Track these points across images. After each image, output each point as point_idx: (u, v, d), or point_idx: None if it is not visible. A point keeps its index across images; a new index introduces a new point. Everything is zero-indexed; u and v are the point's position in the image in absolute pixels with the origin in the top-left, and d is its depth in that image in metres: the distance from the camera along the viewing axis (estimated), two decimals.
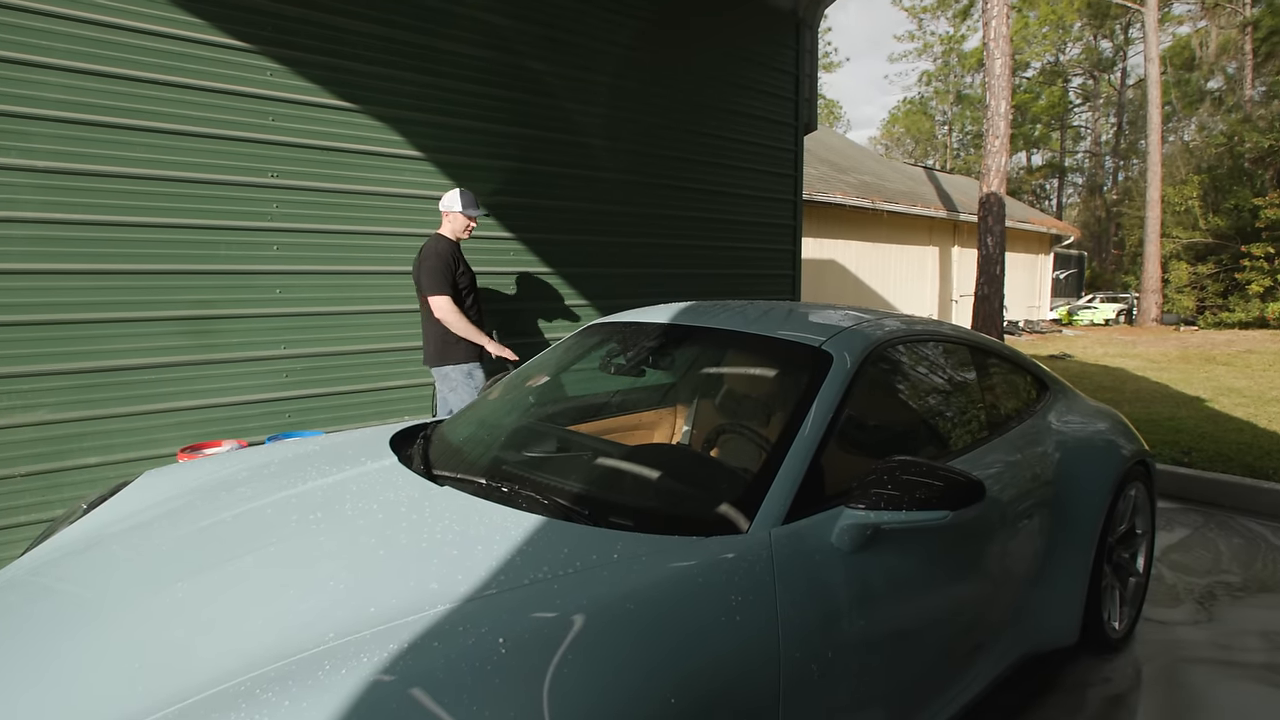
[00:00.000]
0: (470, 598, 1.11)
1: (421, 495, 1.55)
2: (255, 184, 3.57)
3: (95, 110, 3.11)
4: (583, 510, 1.43)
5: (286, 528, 1.44)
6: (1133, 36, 33.88)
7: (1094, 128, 39.50)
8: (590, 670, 1.00)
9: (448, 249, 3.67)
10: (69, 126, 3.06)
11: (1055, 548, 2.16)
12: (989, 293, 11.56)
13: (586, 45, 4.74)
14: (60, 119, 3.04)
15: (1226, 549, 3.50)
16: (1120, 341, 15.17)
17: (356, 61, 3.83)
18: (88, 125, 3.10)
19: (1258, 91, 25.47)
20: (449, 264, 3.64)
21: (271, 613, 1.13)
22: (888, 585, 1.49)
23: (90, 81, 3.09)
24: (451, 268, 3.65)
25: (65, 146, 3.05)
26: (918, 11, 39.51)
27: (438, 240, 3.71)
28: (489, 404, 2.19)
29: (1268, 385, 8.61)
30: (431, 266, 3.59)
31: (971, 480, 1.41)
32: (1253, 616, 2.81)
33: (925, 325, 2.26)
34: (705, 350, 2.25)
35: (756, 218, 6.01)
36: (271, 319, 3.67)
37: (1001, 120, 11.71)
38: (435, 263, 3.59)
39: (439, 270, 3.59)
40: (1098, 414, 2.73)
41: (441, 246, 3.65)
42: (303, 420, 3.80)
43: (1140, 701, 2.26)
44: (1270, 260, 18.71)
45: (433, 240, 3.71)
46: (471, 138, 4.29)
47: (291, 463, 1.89)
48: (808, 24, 6.19)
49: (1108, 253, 33.60)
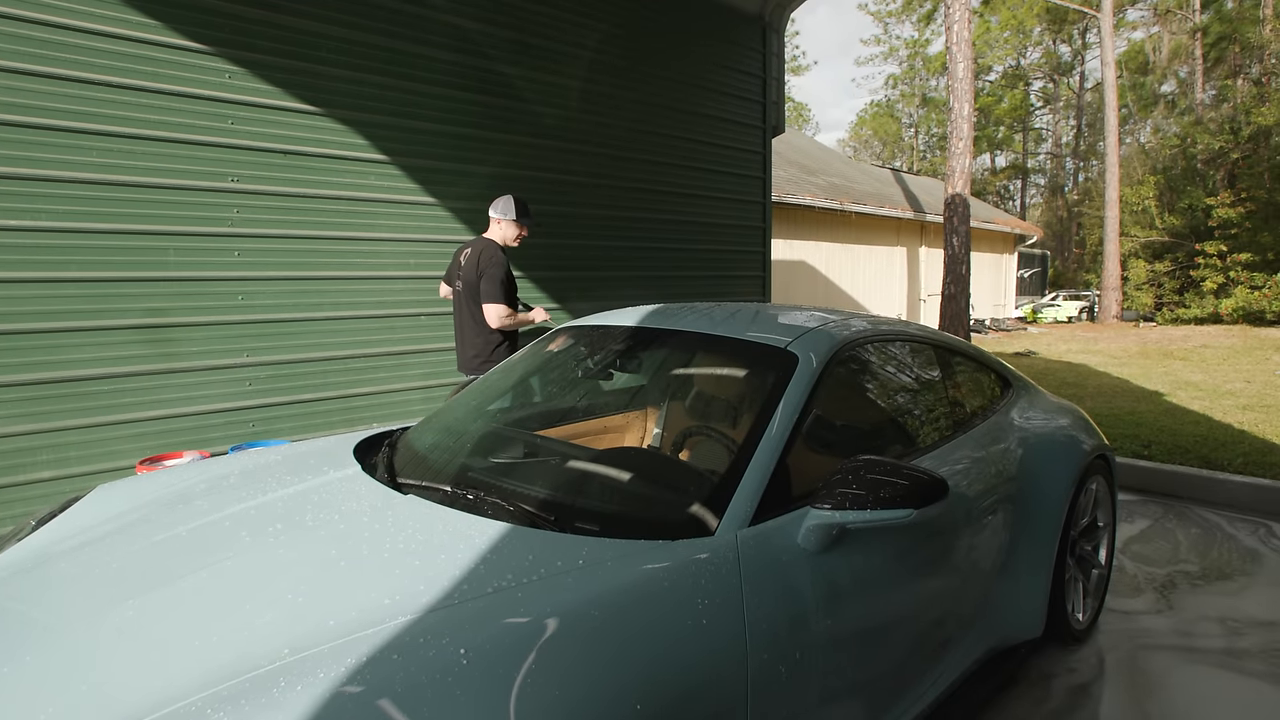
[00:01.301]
0: (432, 608, 1.09)
1: (384, 504, 1.52)
2: (215, 189, 3.49)
3: (43, 114, 3.02)
4: (549, 516, 1.41)
5: (244, 541, 1.41)
6: (1090, 41, 34.79)
7: (1054, 130, 40.46)
8: (554, 678, 0.99)
9: (502, 257, 3.63)
10: (15, 130, 2.96)
11: (1019, 542, 2.20)
12: (955, 292, 11.77)
13: (556, 49, 4.73)
14: (5, 123, 2.94)
15: (1185, 539, 3.60)
16: (1083, 338, 15.54)
17: (319, 64, 3.77)
18: (36, 129, 3.01)
19: (1208, 95, 26.30)
20: (509, 273, 3.63)
21: (226, 629, 1.09)
22: (855, 584, 1.49)
23: (38, 84, 3.00)
24: (510, 276, 3.64)
25: (12, 151, 2.96)
26: (883, 16, 40.17)
27: (494, 248, 3.64)
28: (456, 410, 2.16)
29: (1222, 379, 8.88)
30: (495, 275, 3.54)
31: (935, 478, 1.42)
32: (1211, 604, 2.89)
33: (891, 325, 2.29)
34: (673, 353, 2.25)
35: (726, 220, 6.04)
36: (233, 326, 3.60)
37: (965, 123, 11.93)
38: (499, 272, 3.55)
39: (502, 280, 3.56)
40: (1059, 410, 2.78)
41: (497, 255, 3.61)
42: (267, 429, 3.73)
43: (1104, 690, 2.30)
44: (1223, 258, 19.33)
45: (489, 247, 3.62)
46: (440, 141, 4.24)
47: (251, 473, 1.84)
48: (774, 28, 6.24)
49: (1070, 252, 34.40)
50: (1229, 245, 19.38)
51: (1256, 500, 4.01)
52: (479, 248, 3.63)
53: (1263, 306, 16.08)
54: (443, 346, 4.32)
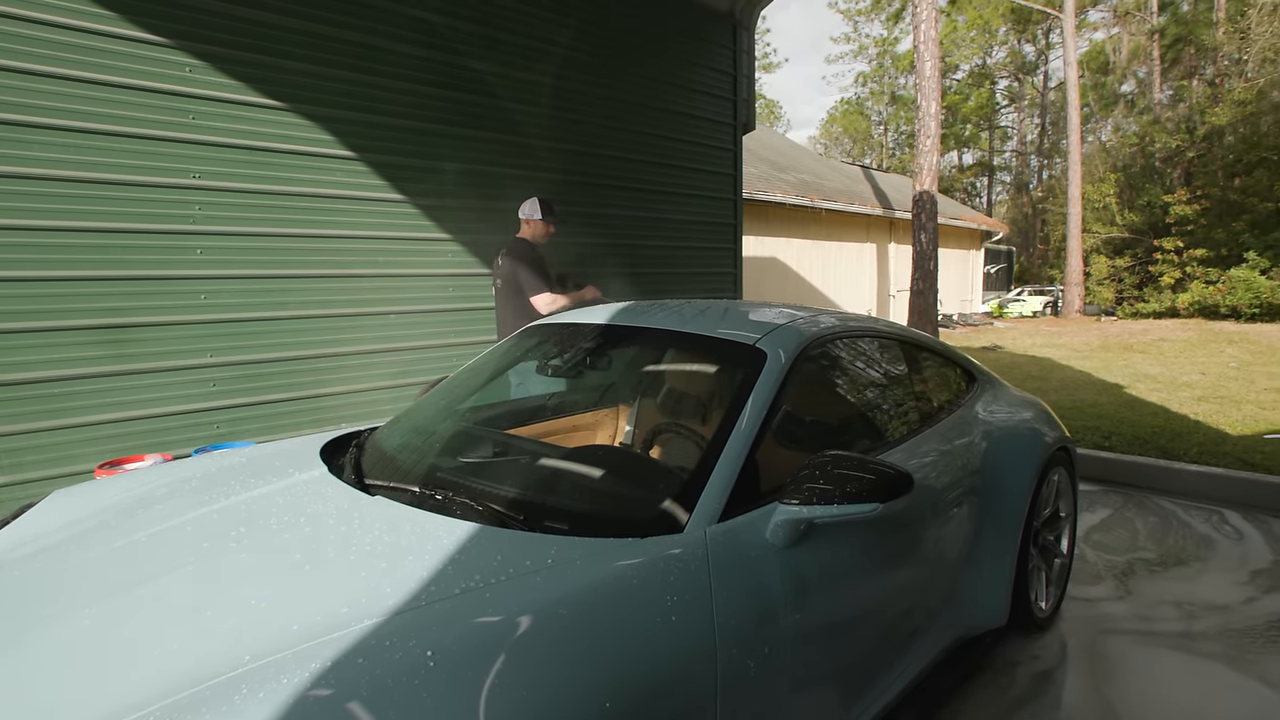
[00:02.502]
0: (398, 611, 1.08)
1: (351, 506, 1.50)
2: (176, 185, 3.41)
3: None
4: (518, 516, 1.41)
5: (206, 546, 1.38)
6: (1053, 41, 35.50)
7: (1020, 128, 41.24)
8: (522, 678, 0.99)
9: (535, 252, 3.95)
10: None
11: (984, 533, 2.24)
12: (924, 287, 11.94)
13: (525, 45, 4.69)
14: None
15: (1143, 527, 3.70)
16: (1047, 332, 15.89)
17: (284, 59, 3.69)
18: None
19: (1165, 95, 27.02)
20: (542, 262, 3.92)
21: (186, 637, 1.07)
22: (823, 578, 1.51)
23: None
24: (545, 268, 3.91)
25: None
26: (853, 14, 40.54)
27: (526, 245, 3.95)
28: (424, 409, 2.14)
29: (1179, 371, 9.15)
30: (531, 268, 3.82)
31: (900, 472, 1.44)
32: (1168, 589, 2.98)
33: (858, 321, 2.31)
34: (643, 350, 2.25)
35: (698, 217, 6.06)
36: (196, 326, 3.52)
37: (932, 120, 12.10)
38: (532, 265, 3.84)
39: (537, 270, 3.84)
40: (1022, 403, 2.84)
41: (531, 251, 3.93)
42: (233, 431, 3.66)
43: (1066, 675, 2.37)
44: (1179, 254, 19.91)
45: (520, 246, 3.94)
46: (407, 137, 4.19)
47: (214, 476, 1.81)
48: (744, 25, 6.27)
49: (1035, 248, 35.13)
50: (1185, 241, 19.96)
51: (1210, 488, 4.14)
52: (512, 248, 3.94)
53: (1217, 301, 16.58)
54: (412, 345, 4.28)
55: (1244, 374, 8.85)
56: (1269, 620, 2.71)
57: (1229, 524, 3.72)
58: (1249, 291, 15.80)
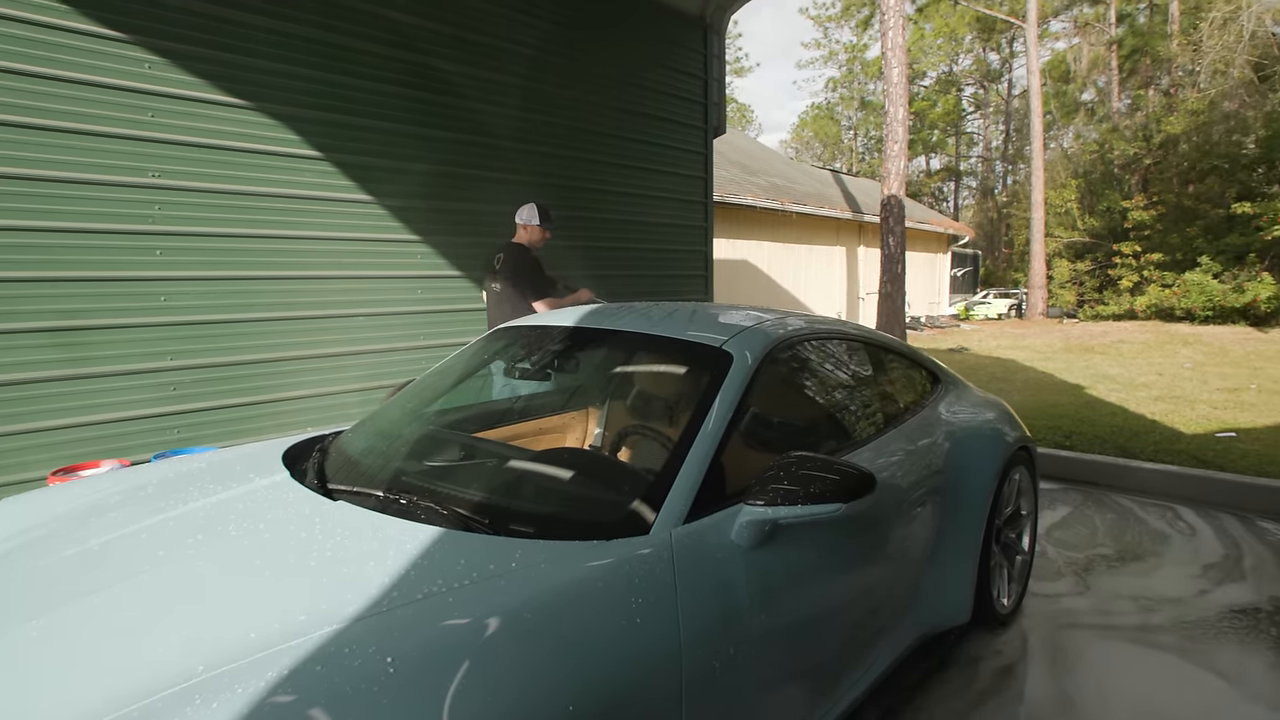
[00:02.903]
0: (359, 617, 1.07)
1: (313, 511, 1.48)
2: (134, 184, 3.33)
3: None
4: (483, 519, 1.40)
5: (161, 553, 1.35)
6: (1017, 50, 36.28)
7: (985, 134, 42.08)
8: (485, 683, 0.98)
9: (532, 257, 4.06)
10: None
11: (947, 532, 2.28)
12: (892, 290, 12.12)
13: (494, 46, 4.67)
14: None
15: (1102, 524, 3.80)
16: (1011, 334, 16.23)
17: (246, 56, 3.63)
18: None
19: (1123, 103, 27.80)
20: (540, 267, 4.03)
21: (137, 648, 1.05)
22: (788, 578, 1.53)
23: None
24: (542, 271, 4.03)
25: None
26: (823, 20, 41.04)
27: (523, 250, 4.06)
28: (390, 413, 2.12)
29: (1137, 372, 9.42)
30: (530, 276, 3.96)
31: (863, 472, 1.46)
32: (1125, 583, 3.06)
33: (825, 324, 2.34)
34: (611, 352, 2.25)
35: (669, 219, 6.08)
36: (156, 329, 3.43)
37: (900, 126, 12.30)
38: (531, 272, 3.97)
39: (536, 275, 3.97)
40: (985, 404, 2.90)
41: (528, 256, 4.04)
42: (194, 436, 3.57)
43: (1028, 670, 2.42)
44: (1137, 258, 20.48)
45: (517, 252, 4.04)
46: (375, 138, 4.14)
47: (172, 482, 1.77)
48: (715, 29, 6.31)
49: (1000, 251, 35.85)
50: (1142, 246, 20.54)
51: (1165, 485, 4.26)
52: (509, 253, 4.04)
53: (1172, 304, 17.08)
54: (380, 348, 4.23)
55: (1198, 375, 9.14)
56: (1219, 612, 2.80)
57: (1183, 520, 3.83)
58: (1203, 295, 16.30)
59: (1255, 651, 2.51)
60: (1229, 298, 15.72)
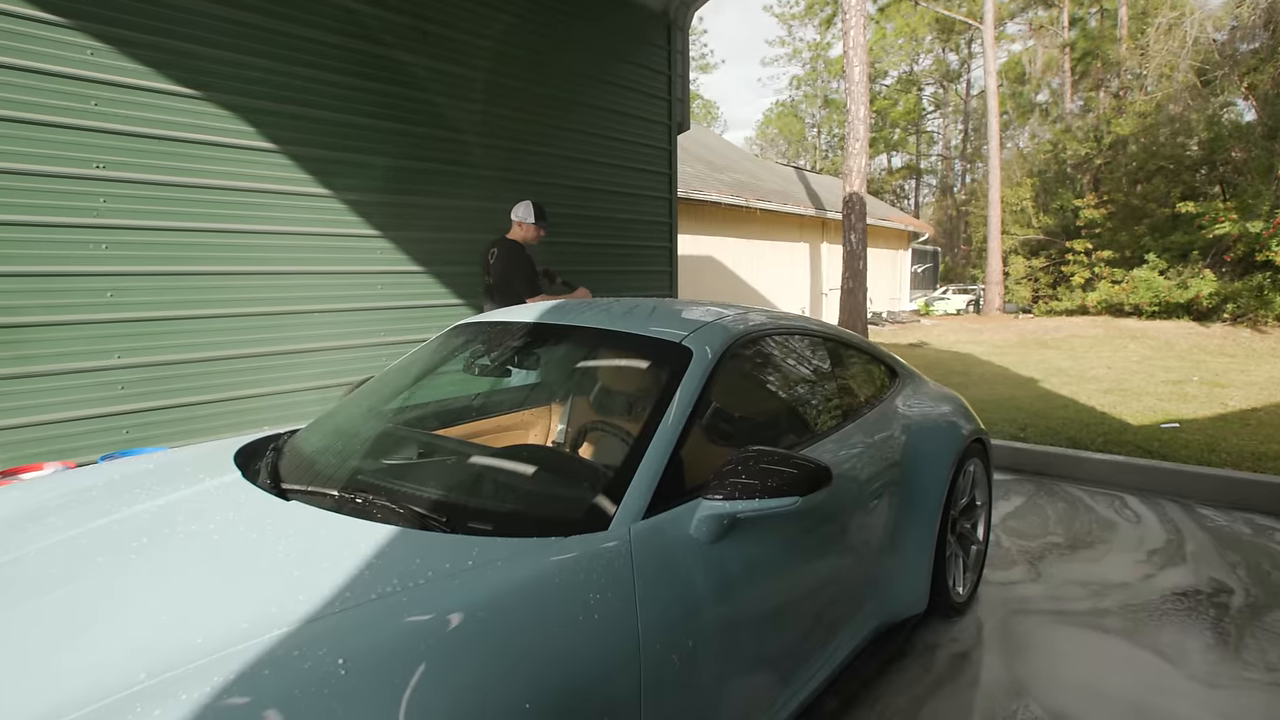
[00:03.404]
0: (310, 619, 1.05)
1: (264, 512, 1.44)
2: (77, 175, 3.21)
3: None
4: (440, 517, 1.38)
5: (104, 558, 1.30)
6: (975, 51, 37.09)
7: (944, 133, 42.97)
8: (440, 682, 0.97)
9: (526, 254, 4.11)
10: None
11: (904, 523, 2.33)
12: (854, 286, 12.31)
13: (457, 38, 4.61)
14: None
15: (1053, 513, 3.92)
16: (969, 329, 16.62)
17: (198, 44, 3.52)
18: None
19: (1076, 105, 28.62)
20: (531, 265, 4.08)
21: (75, 656, 1.01)
22: (747, 572, 1.54)
23: None
24: (534, 269, 4.10)
25: None
26: (787, 19, 41.37)
27: (517, 247, 4.09)
28: (347, 410, 2.08)
29: (1087, 366, 9.72)
30: (524, 273, 4.02)
31: (820, 466, 1.48)
32: (1076, 570, 3.16)
33: (786, 319, 2.37)
34: (573, 348, 2.24)
35: (633, 215, 6.08)
36: (102, 325, 3.32)
37: (861, 124, 12.48)
38: (522, 270, 4.02)
39: (527, 274, 4.02)
40: (940, 397, 2.96)
41: (522, 253, 4.09)
42: (144, 436, 3.47)
43: (983, 656, 2.48)
44: (1089, 255, 21.12)
45: (511, 249, 4.07)
46: (334, 131, 4.06)
47: (118, 484, 1.71)
48: (679, 25, 6.32)
49: (959, 248, 36.65)
50: (1094, 243, 21.20)
51: (1113, 475, 4.41)
52: (503, 249, 4.08)
53: (1122, 300, 17.66)
54: (340, 345, 4.15)
55: (1144, 368, 9.48)
56: (1163, 595, 2.91)
57: (1129, 508, 3.97)
58: (1150, 291, 16.89)
59: (1194, 633, 2.61)
60: (1174, 294, 16.32)
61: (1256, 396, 7.06)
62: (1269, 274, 14.83)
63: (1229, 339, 13.24)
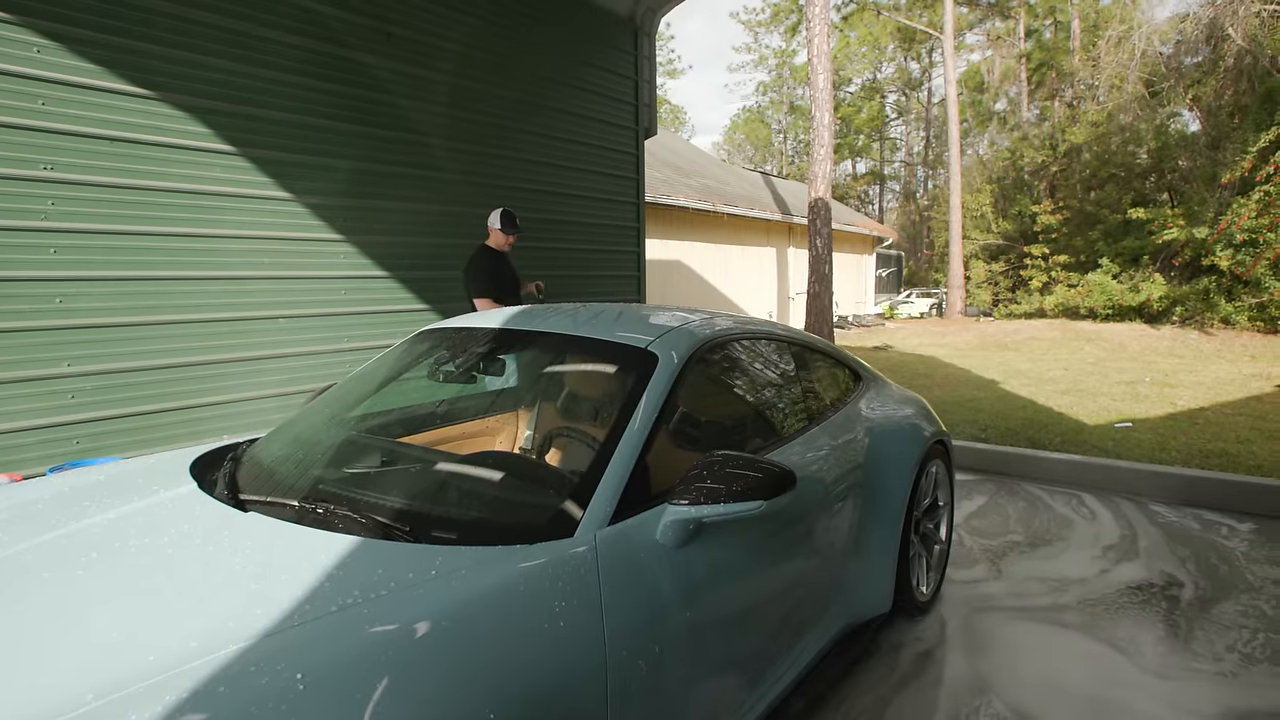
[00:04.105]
0: (267, 633, 1.02)
1: (221, 524, 1.41)
2: (23, 177, 3.10)
3: None
4: (403, 526, 1.36)
5: (51, 575, 1.26)
6: (935, 60, 37.90)
7: (907, 140, 43.79)
8: (402, 694, 0.95)
9: (489, 258, 4.32)
10: None
11: (868, 525, 2.36)
12: (820, 290, 12.46)
13: (421, 41, 4.56)
14: None
15: (1014, 512, 4.01)
16: (933, 332, 16.95)
17: (151, 43, 3.43)
18: None
19: (1032, 114, 29.43)
20: (489, 270, 4.27)
21: (20, 678, 0.97)
22: (713, 576, 1.55)
23: None
24: (492, 272, 4.27)
25: None
26: (754, 25, 41.80)
27: (482, 252, 4.34)
28: (309, 418, 2.04)
29: (1045, 368, 9.98)
30: (476, 274, 4.25)
31: (784, 470, 1.50)
32: (1035, 567, 3.24)
33: (752, 324, 2.39)
34: (539, 354, 2.23)
35: (600, 219, 6.08)
36: (51, 332, 3.21)
37: (826, 130, 12.65)
38: (479, 270, 4.26)
39: (484, 276, 4.23)
40: (903, 400, 3.02)
41: (483, 257, 4.32)
42: (96, 447, 3.36)
43: (946, 654, 2.53)
44: (1046, 259, 21.72)
45: (478, 252, 4.34)
46: (294, 133, 3.99)
47: (67, 497, 1.65)
48: (645, 30, 6.35)
49: (922, 252, 37.38)
50: (1050, 248, 21.80)
51: (1070, 474, 4.54)
52: (472, 254, 4.33)
53: (1077, 303, 18.17)
54: (301, 351, 4.07)
55: (1099, 369, 9.76)
56: (1118, 589, 3.00)
57: (1085, 505, 4.08)
58: (1103, 294, 17.41)
59: (1147, 625, 2.70)
60: (1126, 297, 16.85)
61: (1204, 396, 7.32)
62: (1214, 278, 15.40)
63: (1178, 341, 13.72)
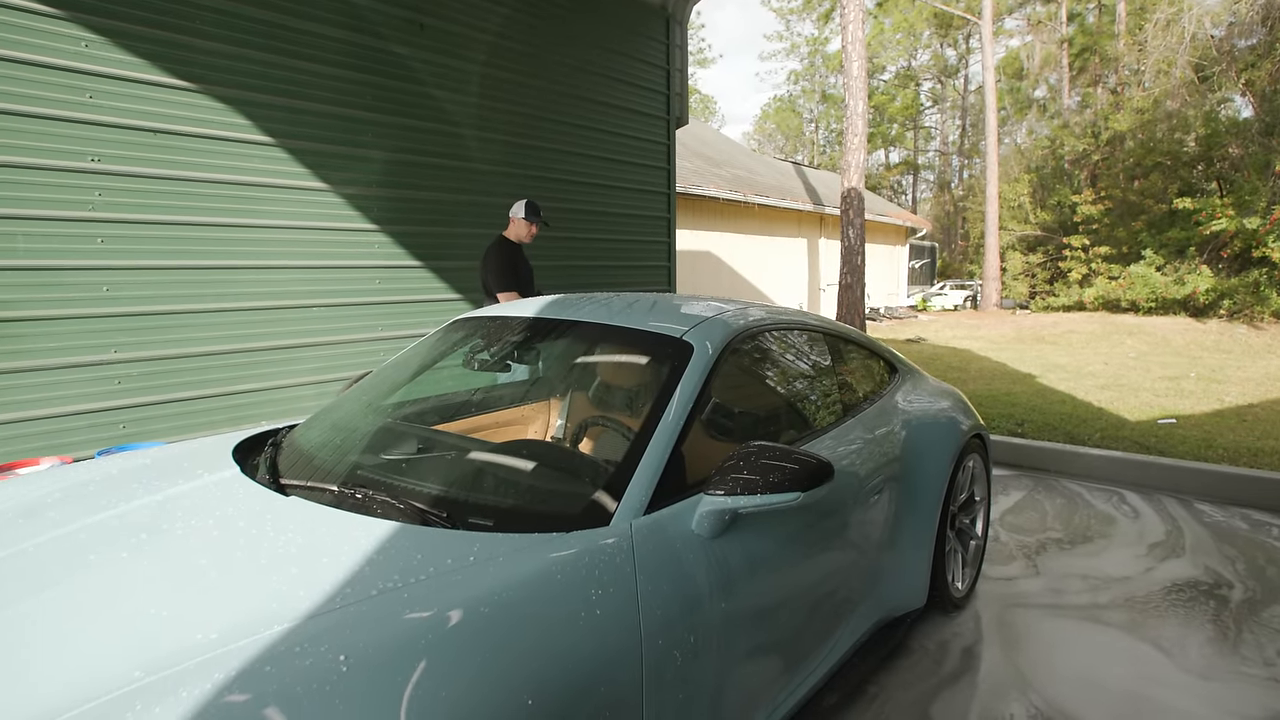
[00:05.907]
0: (311, 615, 1.04)
1: (264, 508, 1.43)
2: (71, 169, 3.19)
3: None
4: (440, 513, 1.38)
5: (102, 554, 1.29)
6: (973, 46, 37.05)
7: (942, 129, 42.93)
8: (441, 678, 0.96)
9: (507, 250, 4.12)
10: None
11: (903, 519, 2.33)
12: (852, 281, 12.30)
13: (454, 31, 4.58)
14: None
15: (1052, 509, 3.92)
16: (967, 325, 16.63)
17: (194, 37, 3.50)
18: None
19: (1073, 101, 28.60)
20: (508, 263, 4.08)
21: (73, 654, 1.00)
22: (748, 567, 1.53)
23: None
24: (512, 266, 4.09)
25: None
26: (785, 13, 41.25)
27: (501, 244, 4.14)
28: (346, 405, 2.07)
29: (1084, 362, 9.73)
30: (495, 268, 4.05)
31: (821, 462, 1.48)
32: (1075, 564, 3.17)
33: (785, 314, 2.36)
34: (572, 343, 2.23)
35: (631, 210, 6.07)
36: (98, 320, 3.31)
37: (860, 119, 12.45)
38: (498, 264, 4.06)
39: (498, 270, 4.04)
40: (940, 393, 2.96)
41: (501, 248, 4.11)
42: (141, 431, 3.46)
43: (983, 650, 2.48)
44: (1086, 251, 21.13)
45: (494, 244, 4.14)
46: (330, 123, 4.04)
47: (116, 480, 1.70)
48: (677, 19, 6.30)
49: (956, 244, 36.67)
50: (1091, 239, 21.20)
51: (1111, 470, 4.42)
52: (490, 245, 4.15)
53: (1118, 295, 17.67)
54: (337, 339, 4.14)
55: (1141, 364, 9.49)
56: (1164, 588, 2.91)
57: (1127, 503, 3.98)
58: (1146, 287, 16.89)
59: (1195, 625, 2.62)
60: (1170, 290, 16.33)
61: (1253, 392, 7.08)
62: (1265, 270, 14.84)
63: (1225, 335, 13.26)
